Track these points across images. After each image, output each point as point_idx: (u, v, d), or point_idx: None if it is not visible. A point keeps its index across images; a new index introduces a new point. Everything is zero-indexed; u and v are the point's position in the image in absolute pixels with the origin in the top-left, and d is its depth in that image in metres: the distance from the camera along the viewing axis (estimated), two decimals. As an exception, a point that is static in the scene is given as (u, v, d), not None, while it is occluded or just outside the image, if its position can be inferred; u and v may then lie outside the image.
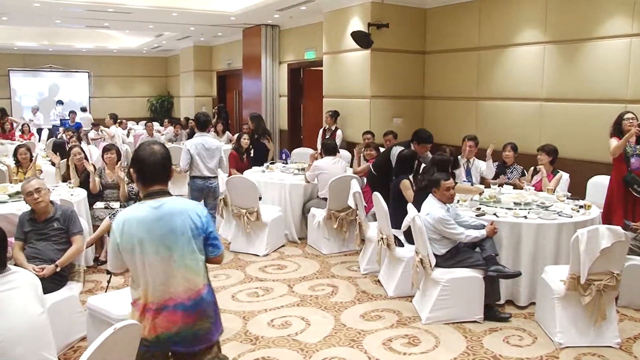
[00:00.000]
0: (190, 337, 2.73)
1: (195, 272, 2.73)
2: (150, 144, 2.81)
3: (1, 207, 5.72)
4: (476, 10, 8.63)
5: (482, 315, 4.77)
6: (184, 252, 2.69)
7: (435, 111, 9.62)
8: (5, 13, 11.79)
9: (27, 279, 2.83)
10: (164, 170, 2.72)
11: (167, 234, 2.67)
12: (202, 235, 2.73)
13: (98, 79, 20.61)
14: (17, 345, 2.59)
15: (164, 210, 2.67)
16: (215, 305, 2.84)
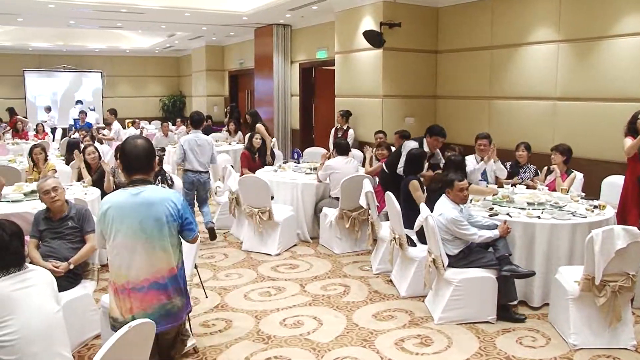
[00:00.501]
0: (165, 315, 2.98)
1: (168, 254, 2.99)
2: (135, 138, 3.14)
3: (17, 206, 5.77)
4: (489, 9, 8.59)
5: (495, 316, 4.74)
6: (159, 236, 2.94)
7: (447, 110, 9.58)
8: (21, 14, 11.89)
9: (43, 277, 2.86)
10: (146, 161, 3.00)
11: (144, 219, 2.91)
12: (177, 222, 2.99)
13: (111, 78, 20.74)
14: (33, 343, 2.62)
15: (142, 198, 2.93)
16: (184, 288, 3.09)
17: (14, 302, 2.63)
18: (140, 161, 3.01)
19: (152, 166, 3.05)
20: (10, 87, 19.18)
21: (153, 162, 3.06)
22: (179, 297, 3.04)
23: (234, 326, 4.76)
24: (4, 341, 2.56)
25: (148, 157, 3.03)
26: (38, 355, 2.63)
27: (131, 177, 3.03)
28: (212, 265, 6.39)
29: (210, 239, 7.22)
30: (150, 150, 3.06)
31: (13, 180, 7.36)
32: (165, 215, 2.95)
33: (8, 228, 2.84)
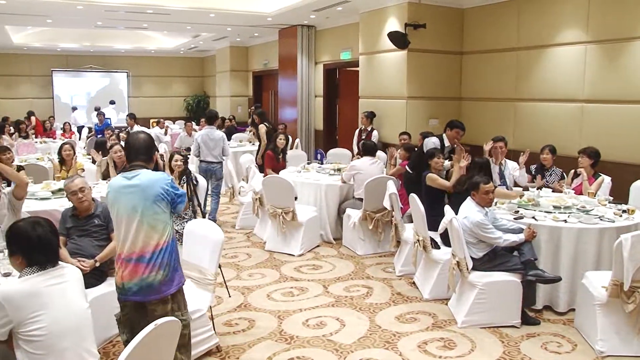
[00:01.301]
0: (146, 287, 3.21)
1: (156, 231, 3.23)
2: (138, 132, 3.50)
3: (44, 204, 5.87)
4: (515, 10, 8.50)
5: (520, 320, 4.69)
6: (148, 214, 3.21)
7: (472, 112, 9.50)
8: (50, 16, 12.10)
9: (74, 274, 2.91)
10: (144, 151, 3.34)
11: (136, 199, 3.20)
12: (167, 200, 3.27)
13: (136, 78, 20.97)
14: (62, 339, 2.66)
15: (135, 180, 3.24)
16: (173, 262, 3.32)
17: (46, 297, 2.68)
18: (139, 150, 3.35)
19: (151, 157, 3.37)
20: (39, 86, 19.52)
21: (152, 154, 3.38)
22: (161, 271, 3.22)
23: (256, 326, 4.78)
24: (34, 335, 2.61)
25: (147, 148, 3.37)
26: (67, 351, 2.67)
27: (130, 164, 3.37)
28: (236, 265, 6.43)
29: None
30: (149, 143, 3.40)
31: (41, 178, 7.49)
32: (156, 195, 3.20)
33: (48, 225, 2.89)
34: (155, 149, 3.46)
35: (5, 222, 4.59)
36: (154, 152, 3.43)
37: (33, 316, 2.61)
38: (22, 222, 2.91)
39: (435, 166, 6.00)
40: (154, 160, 3.43)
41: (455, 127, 6.91)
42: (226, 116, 16.42)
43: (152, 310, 3.27)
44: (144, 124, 16.18)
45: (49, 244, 2.85)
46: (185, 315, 3.41)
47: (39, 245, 2.80)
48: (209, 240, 4.19)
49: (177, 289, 3.35)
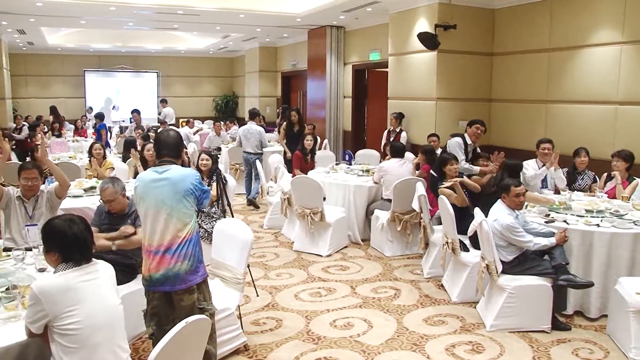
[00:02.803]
0: (173, 277, 3.34)
1: (183, 224, 3.36)
2: (168, 129, 3.70)
3: (77, 201, 5.99)
4: (547, 10, 8.38)
5: (550, 325, 4.63)
6: (178, 207, 3.34)
7: (502, 114, 9.40)
8: (84, 17, 12.32)
9: (107, 271, 2.96)
10: (173, 147, 3.49)
11: (166, 193, 3.33)
12: (194, 195, 3.40)
13: (166, 78, 21.20)
14: (96, 333, 2.71)
15: (165, 175, 3.37)
16: (197, 253, 3.45)
17: (80, 292, 2.73)
18: (168, 146, 3.49)
19: (179, 153, 3.51)
20: (72, 86, 19.88)
21: (180, 150, 3.52)
22: (187, 262, 3.35)
23: (284, 325, 4.80)
24: (68, 330, 2.66)
25: (176, 145, 3.51)
26: (100, 346, 2.72)
27: (159, 159, 3.49)
28: (263, 265, 6.46)
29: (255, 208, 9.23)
30: (178, 140, 3.55)
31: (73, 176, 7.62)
32: (185, 190, 3.35)
33: (82, 223, 2.94)
34: (183, 146, 3.60)
35: (42, 220, 4.69)
36: (182, 149, 3.56)
37: (68, 311, 2.66)
38: (58, 219, 2.96)
39: (449, 173, 5.92)
40: (181, 157, 3.54)
41: (474, 124, 6.86)
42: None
43: (178, 300, 3.40)
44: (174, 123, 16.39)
45: (85, 241, 2.90)
46: (210, 306, 3.52)
47: (75, 242, 2.85)
48: (238, 239, 4.22)
49: (202, 279, 3.48)
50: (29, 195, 4.85)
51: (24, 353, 2.84)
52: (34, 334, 2.74)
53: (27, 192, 4.84)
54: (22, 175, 4.82)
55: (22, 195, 4.84)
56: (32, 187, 4.84)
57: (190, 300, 3.40)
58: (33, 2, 9.87)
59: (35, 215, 4.81)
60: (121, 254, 4.46)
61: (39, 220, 4.72)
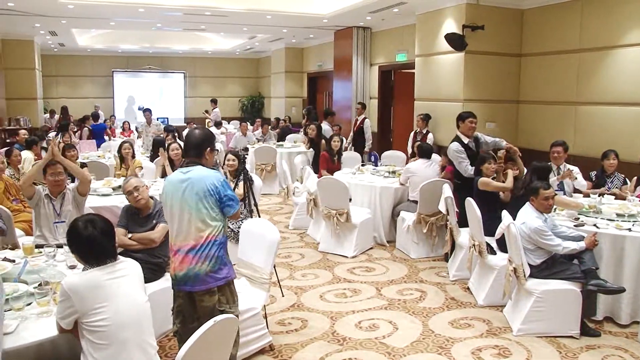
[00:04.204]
0: (193, 277, 3.38)
1: (205, 224, 3.38)
2: (195, 129, 3.64)
3: (105, 200, 6.08)
4: (578, 10, 8.25)
5: (579, 331, 4.56)
6: (198, 209, 3.36)
7: (530, 116, 9.28)
8: (113, 18, 12.51)
9: (134, 268, 2.99)
10: (195, 147, 3.48)
11: (188, 193, 3.38)
12: (215, 197, 3.37)
13: (193, 79, 21.38)
14: (124, 330, 2.74)
15: (188, 175, 3.40)
16: (221, 255, 3.45)
17: (107, 290, 2.77)
18: (192, 146, 3.49)
19: (202, 152, 3.48)
20: (101, 86, 20.18)
21: (203, 149, 3.49)
22: (207, 263, 3.37)
23: (309, 326, 4.81)
24: (97, 326, 2.70)
25: (199, 144, 3.49)
26: (128, 342, 2.75)
27: (185, 159, 3.55)
28: (289, 265, 6.48)
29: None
30: (202, 139, 3.51)
31: (102, 175, 7.74)
32: (204, 191, 3.36)
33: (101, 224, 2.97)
34: (207, 146, 3.52)
35: (69, 217, 4.78)
36: (205, 149, 3.50)
37: (96, 308, 2.71)
38: (79, 220, 3.01)
39: (487, 172, 5.87)
40: (204, 156, 3.50)
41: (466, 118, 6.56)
42: (281, 117, 16.58)
43: (199, 301, 3.45)
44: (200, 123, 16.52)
45: (98, 244, 2.89)
46: (234, 309, 3.51)
47: (88, 245, 2.88)
48: (265, 239, 4.24)
49: (225, 282, 3.47)
50: (56, 193, 4.94)
51: (55, 348, 2.89)
52: (64, 329, 2.79)
53: (54, 189, 4.93)
54: (48, 171, 4.91)
55: (49, 193, 4.93)
56: (58, 182, 4.91)
57: (210, 302, 3.43)
58: (65, 4, 10.04)
59: (62, 212, 4.89)
60: (148, 252, 4.51)
61: (66, 217, 4.82)
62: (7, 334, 2.74)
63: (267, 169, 10.80)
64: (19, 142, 9.58)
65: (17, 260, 3.98)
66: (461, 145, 6.44)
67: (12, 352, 2.71)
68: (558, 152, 6.54)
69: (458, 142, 6.47)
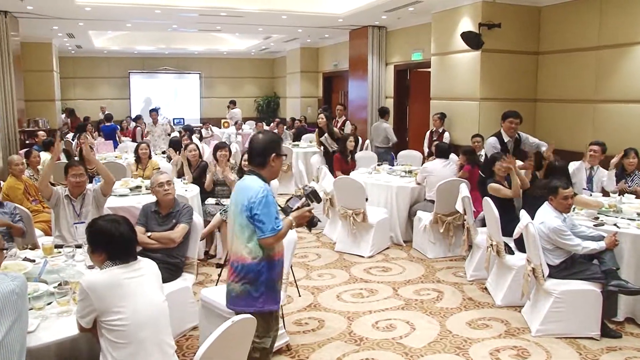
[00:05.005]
0: (228, 292, 3.31)
1: (240, 241, 3.21)
2: (258, 134, 3.40)
3: (123, 200, 6.12)
4: (596, 7, 8.15)
5: (599, 332, 4.50)
6: (237, 221, 3.22)
7: (548, 114, 9.20)
8: (130, 20, 12.60)
9: (152, 268, 3.01)
10: (262, 155, 3.26)
11: (235, 203, 3.26)
12: (247, 213, 3.14)
13: (208, 80, 21.47)
14: (142, 329, 2.76)
15: (240, 184, 3.29)
16: (257, 284, 3.22)
17: (126, 289, 2.79)
18: (254, 154, 3.29)
19: (265, 160, 3.26)
20: (118, 87, 20.34)
21: (267, 157, 3.25)
22: (240, 285, 3.22)
23: (326, 326, 4.80)
24: (115, 325, 2.71)
25: (262, 151, 3.26)
26: (146, 341, 2.76)
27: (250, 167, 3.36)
28: (305, 265, 6.48)
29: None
30: (265, 145, 3.27)
31: (119, 175, 7.78)
32: (241, 205, 3.18)
33: (126, 223, 3.00)
34: (270, 152, 3.27)
35: (89, 217, 4.81)
36: (269, 156, 3.26)
37: (114, 306, 2.72)
38: (102, 220, 3.03)
39: (499, 172, 5.82)
40: (269, 163, 3.26)
41: (507, 117, 6.55)
42: (296, 117, 16.59)
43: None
44: (216, 124, 16.60)
45: (130, 240, 2.96)
46: (263, 339, 3.33)
47: (122, 242, 2.91)
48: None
49: (255, 311, 3.16)
50: (76, 194, 4.98)
51: (75, 347, 2.92)
52: (84, 328, 2.81)
53: (75, 190, 4.97)
54: (70, 172, 4.95)
55: (69, 194, 4.97)
56: (79, 184, 4.95)
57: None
58: (82, 6, 10.13)
59: (82, 213, 4.93)
60: (166, 252, 4.53)
61: (86, 218, 4.84)
62: (29, 333, 2.76)
63: (283, 169, 10.80)
64: (38, 143, 9.69)
65: (37, 260, 4.02)
66: (499, 142, 6.44)
67: (33, 351, 2.73)
68: (595, 150, 6.48)
69: (497, 137, 6.50)
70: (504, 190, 5.64)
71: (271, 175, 3.32)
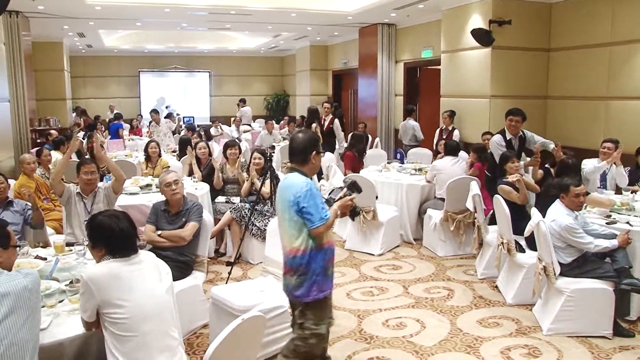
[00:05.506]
0: (285, 285, 3.45)
1: (289, 235, 3.35)
2: (297, 133, 3.54)
3: (133, 198, 6.15)
4: (609, 3, 8.07)
5: (612, 331, 4.46)
6: (285, 217, 3.36)
7: (559, 112, 9.14)
8: (140, 19, 12.64)
9: (151, 260, 3.05)
10: (303, 152, 3.40)
11: (281, 200, 3.40)
12: (294, 208, 3.28)
13: (218, 78, 21.48)
14: (145, 322, 2.78)
15: (284, 182, 3.43)
16: (310, 272, 3.34)
17: (126, 281, 2.81)
18: (295, 152, 3.43)
19: (307, 157, 3.40)
20: (128, 86, 20.42)
21: (308, 155, 3.39)
22: (295, 277, 3.34)
23: (336, 324, 4.73)
24: (117, 319, 2.73)
25: (303, 149, 3.40)
26: (150, 334, 2.78)
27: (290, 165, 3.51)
28: (315, 263, 6.46)
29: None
30: (306, 144, 3.41)
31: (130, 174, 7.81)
32: (288, 201, 3.31)
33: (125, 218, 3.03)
34: (311, 150, 3.42)
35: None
36: (310, 154, 3.41)
37: (116, 298, 2.74)
38: (102, 215, 3.05)
39: (511, 171, 5.77)
40: (310, 161, 3.41)
41: (507, 116, 6.56)
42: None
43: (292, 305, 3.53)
44: (226, 122, 16.62)
45: (131, 235, 2.98)
46: (320, 326, 3.43)
47: (122, 237, 2.93)
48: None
49: (312, 300, 3.36)
50: (87, 192, 5.01)
51: (87, 344, 2.94)
52: (88, 323, 2.84)
53: (86, 188, 5.00)
54: (82, 170, 4.99)
55: (81, 192, 5.00)
56: (91, 181, 4.99)
57: (296, 310, 3.48)
58: (92, 5, 10.18)
59: (93, 210, 4.94)
60: (177, 250, 4.55)
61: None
62: (41, 330, 2.78)
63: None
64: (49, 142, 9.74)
65: (49, 258, 4.05)
66: (504, 140, 6.44)
67: (46, 348, 2.76)
68: (609, 147, 6.41)
69: (502, 135, 6.51)
70: (513, 194, 5.60)
71: (312, 171, 3.48)
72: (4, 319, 2.46)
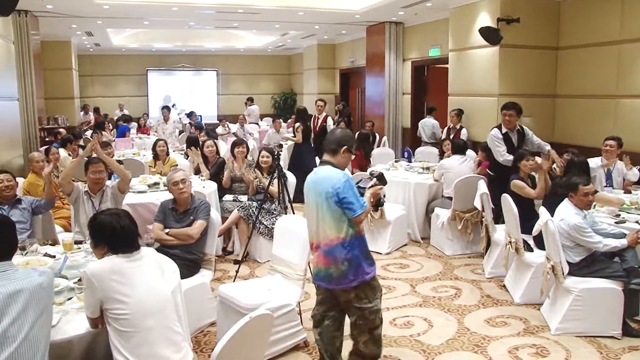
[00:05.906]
0: (326, 276, 3.51)
1: (330, 225, 3.45)
2: (335, 129, 3.74)
3: (141, 197, 6.16)
4: (618, 0, 8.02)
5: (621, 331, 4.44)
6: (323, 209, 3.45)
7: (568, 110, 9.09)
8: (147, 18, 12.68)
9: (152, 256, 3.07)
10: (335, 144, 3.53)
11: (317, 193, 3.48)
12: (335, 199, 3.39)
13: (225, 77, 21.52)
14: (147, 318, 2.80)
15: (318, 175, 3.53)
16: (355, 258, 3.46)
17: (128, 277, 2.83)
18: (329, 143, 3.57)
19: (337, 150, 3.52)
20: (135, 85, 20.50)
21: (339, 148, 3.52)
22: (341, 266, 3.43)
23: (343, 323, 4.78)
24: (120, 314, 2.75)
25: (336, 142, 3.54)
26: (153, 330, 2.80)
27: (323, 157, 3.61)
28: (322, 261, 6.46)
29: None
30: (341, 138, 3.56)
31: (137, 172, 7.83)
32: (326, 192, 3.42)
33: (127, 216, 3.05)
34: (343, 144, 3.55)
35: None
36: (341, 148, 3.53)
37: (118, 293, 2.76)
38: (103, 214, 3.07)
39: (525, 169, 5.75)
40: (339, 154, 3.53)
41: (502, 110, 6.56)
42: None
43: (337, 295, 3.58)
44: (233, 120, 16.63)
45: (132, 233, 3.00)
46: (373, 303, 3.57)
47: (124, 235, 2.95)
48: (299, 236, 4.24)
49: (361, 281, 3.49)
50: (95, 190, 5.03)
51: (95, 341, 2.95)
52: (94, 321, 2.86)
53: (94, 186, 5.02)
54: (90, 169, 5.01)
55: (89, 190, 5.02)
56: (99, 180, 5.01)
57: (346, 297, 3.54)
58: (100, 4, 10.22)
59: (101, 209, 4.95)
60: (184, 249, 4.56)
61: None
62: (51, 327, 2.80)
63: (300, 165, 10.79)
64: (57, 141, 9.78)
65: (58, 256, 4.07)
66: (500, 133, 6.41)
67: (55, 345, 2.77)
68: (611, 145, 6.36)
69: (499, 129, 6.48)
70: (527, 190, 5.58)
71: (340, 166, 3.58)
72: (18, 315, 2.48)
